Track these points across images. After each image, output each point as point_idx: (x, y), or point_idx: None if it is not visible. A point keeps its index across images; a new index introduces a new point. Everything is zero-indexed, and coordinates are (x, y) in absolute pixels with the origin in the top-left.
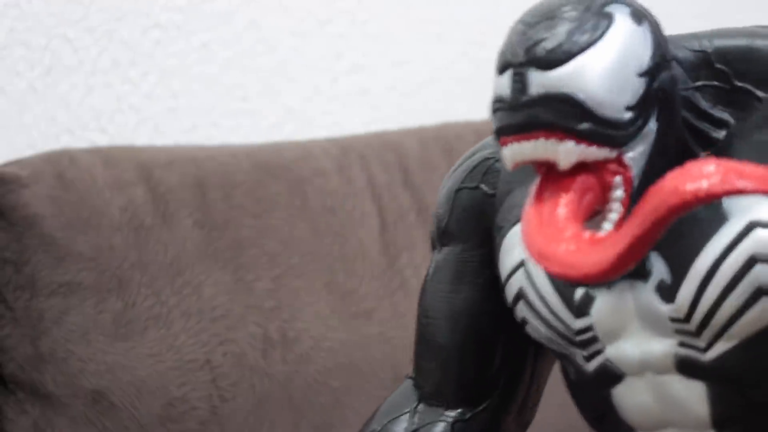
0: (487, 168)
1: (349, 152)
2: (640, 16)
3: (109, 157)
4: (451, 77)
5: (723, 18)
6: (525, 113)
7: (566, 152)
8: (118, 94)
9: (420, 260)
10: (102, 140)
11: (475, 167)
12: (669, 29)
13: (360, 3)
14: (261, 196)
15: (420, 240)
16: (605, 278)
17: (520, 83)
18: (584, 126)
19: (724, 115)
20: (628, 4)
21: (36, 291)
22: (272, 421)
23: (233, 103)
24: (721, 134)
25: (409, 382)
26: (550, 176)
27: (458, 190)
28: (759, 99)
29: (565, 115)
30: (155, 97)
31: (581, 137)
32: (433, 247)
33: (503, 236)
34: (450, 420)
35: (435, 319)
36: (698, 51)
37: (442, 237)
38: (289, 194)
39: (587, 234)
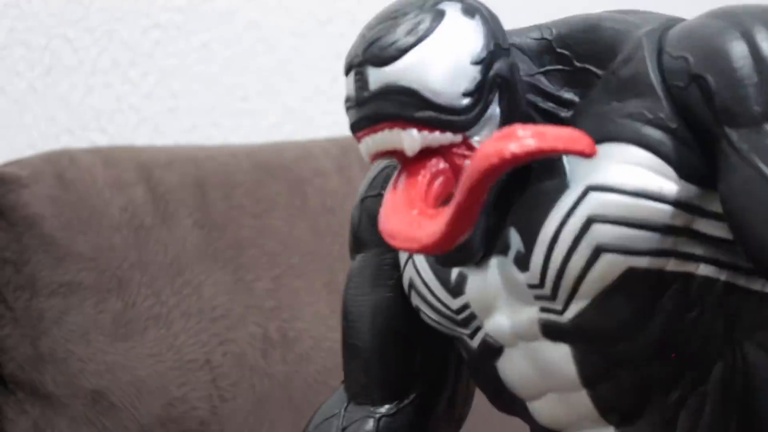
0: (387, 175)
1: (349, 152)
2: (472, 10)
3: (109, 157)
4: None
5: None
6: (369, 108)
7: (410, 139)
8: (118, 94)
9: None
10: (102, 140)
11: (375, 176)
12: None
13: (360, 3)
14: (261, 196)
15: None
16: (442, 247)
17: (361, 81)
18: (423, 114)
19: (570, 95)
20: (460, 1)
21: (36, 291)
22: (272, 421)
23: (233, 103)
24: (568, 113)
25: (341, 386)
26: (405, 165)
27: (363, 200)
28: (599, 76)
29: (405, 105)
30: (155, 97)
31: (422, 124)
32: (351, 257)
33: None
34: (376, 416)
35: (355, 323)
36: (541, 39)
37: (355, 246)
38: (289, 194)
39: (431, 211)
